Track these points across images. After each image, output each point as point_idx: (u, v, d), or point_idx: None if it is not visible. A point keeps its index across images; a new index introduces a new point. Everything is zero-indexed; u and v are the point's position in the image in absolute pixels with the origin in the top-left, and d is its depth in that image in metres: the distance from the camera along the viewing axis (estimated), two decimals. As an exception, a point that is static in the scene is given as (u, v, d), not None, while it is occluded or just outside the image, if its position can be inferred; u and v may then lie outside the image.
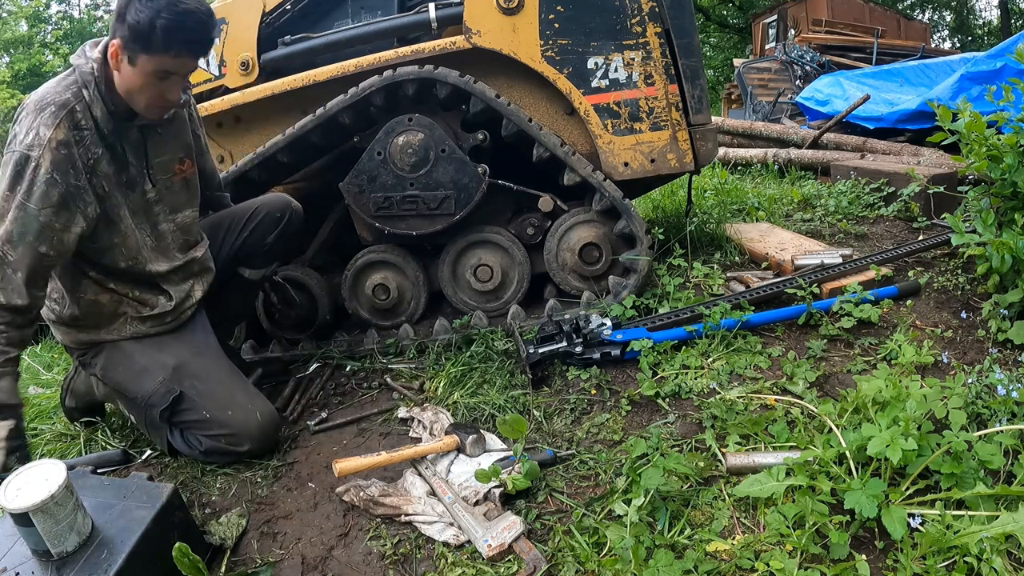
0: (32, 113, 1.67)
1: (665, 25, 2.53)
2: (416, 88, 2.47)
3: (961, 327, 2.30)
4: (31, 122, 1.66)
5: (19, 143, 1.65)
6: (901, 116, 5.79)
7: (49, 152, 1.65)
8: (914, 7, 26.99)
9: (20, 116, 1.69)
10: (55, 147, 1.65)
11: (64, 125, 1.67)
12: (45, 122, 1.66)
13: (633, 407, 2.02)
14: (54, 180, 1.66)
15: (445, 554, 1.52)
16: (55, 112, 1.67)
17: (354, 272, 2.70)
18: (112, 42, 1.68)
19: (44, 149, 1.64)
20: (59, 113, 1.67)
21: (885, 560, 1.37)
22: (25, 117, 1.68)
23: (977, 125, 2.35)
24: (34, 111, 1.67)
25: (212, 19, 1.73)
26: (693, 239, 3.03)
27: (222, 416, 1.87)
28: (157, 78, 1.71)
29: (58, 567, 1.34)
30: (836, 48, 11.31)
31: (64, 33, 23.66)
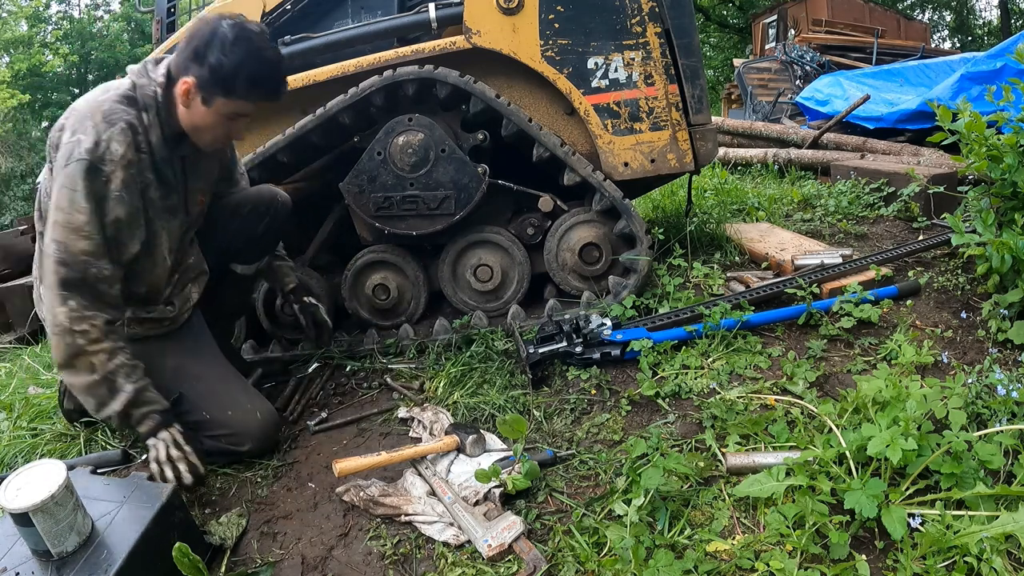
0: (102, 124, 1.65)
1: (665, 25, 2.53)
2: (416, 88, 2.47)
3: (961, 327, 2.30)
4: (100, 133, 1.64)
5: (86, 151, 1.62)
6: (901, 116, 5.79)
7: (121, 170, 1.65)
8: (914, 7, 26.98)
9: (82, 122, 1.65)
10: (125, 164, 1.66)
11: (132, 145, 1.68)
12: (117, 138, 1.65)
13: (633, 407, 2.02)
14: (122, 198, 1.67)
15: (445, 554, 1.52)
16: (125, 130, 1.66)
17: (354, 272, 2.70)
18: (185, 79, 1.70)
19: (116, 166, 1.64)
20: (128, 132, 1.67)
21: (885, 560, 1.37)
22: (92, 126, 1.64)
23: (977, 125, 2.35)
24: (103, 122, 1.65)
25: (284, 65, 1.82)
26: (693, 239, 3.03)
27: (222, 416, 1.88)
28: (229, 119, 1.78)
29: (58, 567, 1.34)
30: (836, 48, 11.31)
31: (64, 33, 23.65)
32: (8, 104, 17.67)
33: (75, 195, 1.62)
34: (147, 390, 1.74)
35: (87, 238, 1.64)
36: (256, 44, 1.71)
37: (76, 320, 1.64)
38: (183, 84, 1.71)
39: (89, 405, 1.71)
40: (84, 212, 1.62)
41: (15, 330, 4.15)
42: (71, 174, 1.62)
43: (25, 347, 3.65)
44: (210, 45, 1.66)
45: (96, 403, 1.69)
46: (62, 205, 1.63)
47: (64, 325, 1.64)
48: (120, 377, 1.69)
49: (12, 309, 4.18)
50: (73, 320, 1.63)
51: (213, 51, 1.66)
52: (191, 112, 1.74)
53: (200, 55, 1.68)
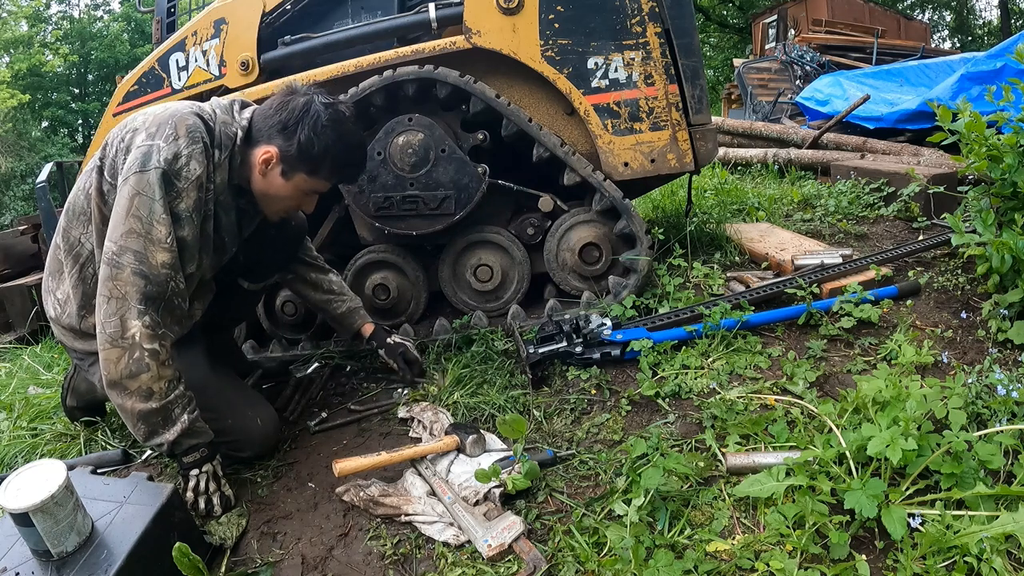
0: (185, 138, 1.61)
1: (665, 25, 2.53)
2: (416, 88, 2.48)
3: (961, 327, 2.30)
4: (182, 147, 1.60)
5: (165, 161, 1.58)
6: (901, 116, 5.79)
7: (194, 190, 1.62)
8: (914, 7, 26.99)
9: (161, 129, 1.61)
10: (197, 187, 1.63)
11: (206, 170, 1.65)
12: (197, 157, 1.62)
13: (633, 407, 2.02)
14: (192, 219, 1.64)
15: (445, 554, 1.52)
16: (204, 152, 1.63)
17: (354, 272, 2.70)
18: (268, 148, 1.70)
19: (192, 185, 1.61)
20: (203, 158, 1.63)
21: (885, 560, 1.37)
22: (174, 137, 1.60)
23: (977, 125, 2.35)
24: (186, 136, 1.61)
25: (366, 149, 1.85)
26: (693, 239, 3.03)
27: (222, 425, 1.84)
28: (303, 194, 1.78)
29: (58, 567, 1.34)
30: (836, 48, 11.31)
31: (64, 33, 23.66)
32: (8, 104, 17.67)
33: (155, 204, 1.56)
34: (199, 420, 1.69)
35: (168, 251, 1.59)
36: (347, 128, 1.73)
37: (149, 337, 1.57)
38: (265, 152, 1.70)
39: (139, 432, 1.63)
40: (165, 224, 1.58)
41: (15, 330, 4.16)
42: (150, 182, 1.56)
43: (25, 347, 3.65)
44: (302, 121, 1.66)
45: (147, 431, 1.62)
46: (140, 214, 1.57)
47: (135, 340, 1.56)
48: (178, 407, 1.64)
49: (12, 309, 4.18)
50: (146, 337, 1.57)
51: (304, 128, 1.66)
52: (268, 180, 1.74)
53: (289, 129, 1.67)
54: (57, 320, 1.88)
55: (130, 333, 1.56)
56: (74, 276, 1.80)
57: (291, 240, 2.20)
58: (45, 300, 1.94)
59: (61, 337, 1.94)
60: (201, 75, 2.82)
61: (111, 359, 1.57)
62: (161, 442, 1.64)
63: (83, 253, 1.78)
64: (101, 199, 1.70)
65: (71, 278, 1.81)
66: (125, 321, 1.56)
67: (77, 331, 1.83)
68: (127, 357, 1.56)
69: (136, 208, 1.57)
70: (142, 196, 1.57)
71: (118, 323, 1.56)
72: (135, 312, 1.57)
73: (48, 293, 1.91)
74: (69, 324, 1.83)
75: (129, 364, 1.56)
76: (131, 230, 1.57)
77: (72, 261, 1.79)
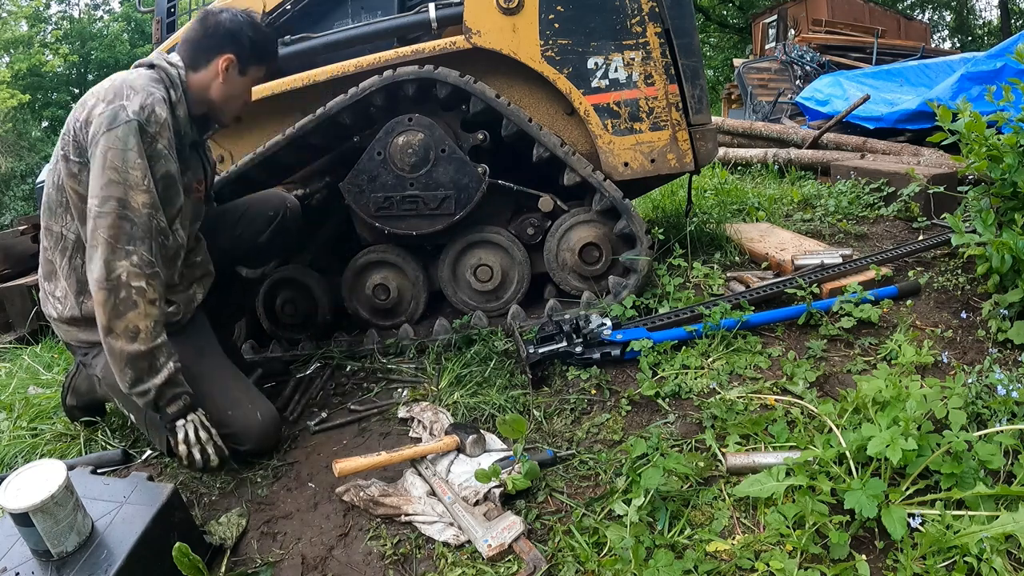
0: (142, 93, 1.72)
1: (665, 25, 2.53)
2: (416, 88, 2.47)
3: (961, 327, 2.30)
4: (144, 100, 1.71)
5: (131, 113, 1.67)
6: (901, 116, 5.78)
7: (166, 131, 1.75)
8: (914, 7, 26.98)
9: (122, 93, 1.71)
10: (168, 128, 1.76)
11: (170, 114, 1.79)
12: (159, 104, 1.74)
13: (633, 407, 2.02)
14: (168, 158, 1.76)
15: (445, 554, 1.52)
16: (163, 99, 1.77)
17: (354, 272, 2.70)
18: (226, 55, 1.88)
19: (161, 127, 1.73)
20: (164, 103, 1.77)
21: (885, 560, 1.37)
22: (133, 94, 1.71)
23: (977, 125, 2.35)
24: (143, 91, 1.73)
25: None
26: (693, 239, 3.03)
27: (222, 416, 1.87)
28: (251, 87, 2.01)
29: (58, 567, 1.34)
30: (836, 48, 11.31)
31: (64, 33, 23.66)
32: (8, 104, 17.67)
33: (128, 153, 1.66)
34: (180, 371, 1.76)
35: (146, 192, 1.68)
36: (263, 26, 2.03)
37: (136, 275, 1.65)
38: (224, 61, 1.88)
39: (125, 378, 1.69)
40: (140, 168, 1.67)
41: (15, 330, 4.15)
42: (120, 135, 1.66)
43: (25, 347, 3.65)
44: (242, 28, 1.91)
45: (133, 376, 1.69)
46: (115, 165, 1.65)
47: (120, 279, 1.64)
48: (162, 355, 1.71)
49: (12, 309, 4.18)
50: (133, 275, 1.65)
51: (245, 31, 1.91)
52: (229, 84, 1.91)
53: (234, 35, 1.89)
54: (59, 317, 1.93)
55: (116, 274, 1.64)
56: (65, 268, 1.87)
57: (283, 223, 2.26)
58: (44, 303, 1.99)
59: (64, 335, 1.99)
60: (201, 75, 2.81)
61: (100, 302, 1.65)
62: (147, 388, 1.70)
63: (68, 245, 1.85)
64: (74, 180, 1.76)
65: (63, 271, 1.88)
66: (111, 264, 1.64)
67: (79, 319, 1.89)
68: (114, 297, 1.64)
69: (110, 161, 1.65)
70: (114, 150, 1.66)
71: (104, 267, 1.64)
72: (122, 253, 1.65)
73: (46, 296, 1.96)
74: (70, 315, 1.89)
75: (117, 304, 1.64)
76: (109, 181, 1.65)
77: (60, 255, 1.87)
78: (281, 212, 2.24)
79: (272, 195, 2.29)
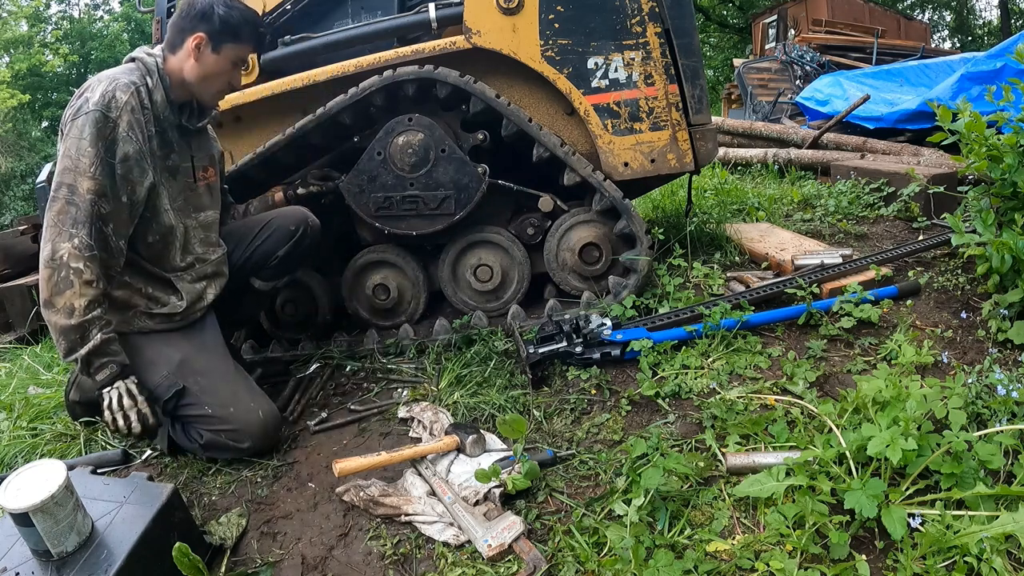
0: (104, 81, 1.81)
1: (665, 25, 2.53)
2: (416, 88, 2.47)
3: (961, 327, 2.30)
4: (105, 88, 1.79)
5: (93, 104, 1.76)
6: (901, 116, 5.78)
7: (127, 113, 1.81)
8: (914, 7, 26.98)
9: (89, 88, 1.81)
10: (130, 110, 1.81)
11: (136, 96, 1.84)
12: (121, 88, 1.81)
13: (633, 407, 2.02)
14: (129, 138, 1.81)
15: (445, 554, 1.52)
16: (128, 84, 1.83)
17: (354, 272, 2.70)
18: (197, 34, 1.90)
19: (122, 111, 1.80)
20: (131, 86, 1.83)
21: (885, 560, 1.37)
22: (98, 85, 1.80)
23: (977, 125, 2.35)
24: (106, 81, 1.82)
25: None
26: (693, 239, 3.03)
27: (224, 412, 1.88)
28: (233, 65, 1.99)
29: (58, 567, 1.34)
30: (836, 48, 11.30)
31: (64, 33, 23.65)
32: (8, 104, 17.66)
33: (81, 142, 1.75)
34: (112, 343, 1.81)
35: (92, 178, 1.76)
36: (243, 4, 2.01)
37: (76, 257, 1.73)
38: (195, 39, 1.90)
39: (60, 348, 1.79)
40: (88, 155, 1.75)
41: (15, 330, 4.15)
42: (80, 125, 1.76)
43: (25, 347, 3.65)
44: (214, 5, 1.91)
45: (67, 347, 1.77)
46: (70, 153, 1.76)
47: (62, 259, 1.73)
48: (94, 328, 1.77)
49: (12, 309, 4.18)
50: (73, 256, 1.73)
51: (216, 9, 1.90)
52: (203, 63, 1.92)
53: (205, 13, 1.90)
54: None
55: (59, 254, 1.74)
56: None
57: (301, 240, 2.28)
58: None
59: None
60: (201, 75, 2.81)
61: (43, 278, 1.76)
62: (77, 357, 1.77)
63: None
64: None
65: None
66: (56, 244, 1.74)
67: None
68: (56, 275, 1.74)
69: (67, 150, 1.77)
70: (71, 139, 1.76)
71: (51, 247, 1.75)
72: (66, 235, 1.74)
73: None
74: None
75: (58, 282, 1.74)
76: (64, 168, 1.77)
77: None
78: (302, 228, 2.27)
79: (294, 212, 2.31)
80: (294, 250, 2.27)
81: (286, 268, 2.32)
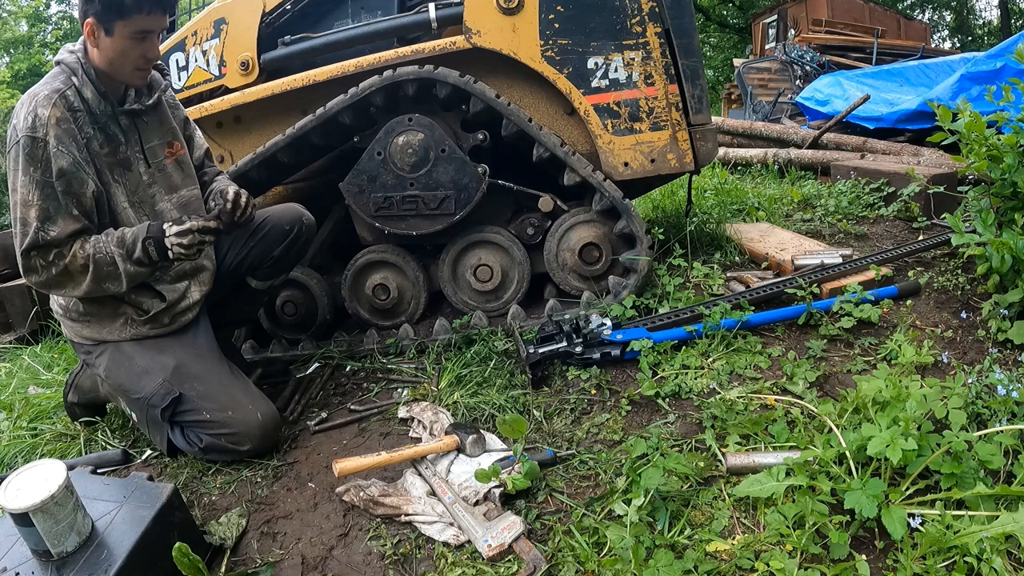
0: (26, 103, 1.77)
1: (665, 25, 2.53)
2: (416, 88, 2.47)
3: (961, 327, 2.30)
4: (27, 110, 1.75)
5: (20, 131, 1.74)
6: (901, 116, 5.78)
7: (52, 128, 1.75)
8: (914, 7, 26.98)
9: (15, 112, 1.79)
10: (55, 123, 1.75)
11: (59, 105, 1.77)
12: (41, 103, 1.75)
13: (633, 407, 2.02)
14: (61, 152, 1.76)
15: (445, 554, 1.52)
16: (48, 96, 1.77)
17: (354, 272, 2.70)
18: (86, 21, 1.77)
19: (47, 127, 1.74)
20: (52, 96, 1.77)
21: (885, 560, 1.37)
22: (20, 108, 1.77)
23: (977, 125, 2.35)
24: (28, 101, 1.77)
25: None
26: (693, 239, 3.03)
27: (222, 416, 1.88)
28: (136, 40, 1.80)
29: (58, 567, 1.34)
30: (836, 48, 11.30)
31: (64, 33, 23.64)
32: (8, 104, 17.67)
33: (17, 173, 1.76)
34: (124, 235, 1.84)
35: (34, 206, 1.75)
36: None
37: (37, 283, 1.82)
38: (86, 27, 1.78)
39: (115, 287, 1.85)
40: (24, 184, 1.75)
41: (15, 330, 4.14)
42: (13, 156, 1.76)
43: (25, 347, 3.65)
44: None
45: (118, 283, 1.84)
46: (14, 186, 1.77)
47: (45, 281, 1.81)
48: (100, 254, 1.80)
49: (12, 309, 4.17)
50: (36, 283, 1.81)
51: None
52: (102, 49, 1.80)
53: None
54: (65, 313, 2.00)
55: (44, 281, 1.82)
56: None
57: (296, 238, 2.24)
58: (52, 298, 2.04)
59: (68, 331, 2.04)
60: (201, 75, 2.82)
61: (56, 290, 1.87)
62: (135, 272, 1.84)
63: None
64: None
65: None
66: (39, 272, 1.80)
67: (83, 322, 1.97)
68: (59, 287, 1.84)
69: (12, 184, 1.78)
70: (11, 172, 1.78)
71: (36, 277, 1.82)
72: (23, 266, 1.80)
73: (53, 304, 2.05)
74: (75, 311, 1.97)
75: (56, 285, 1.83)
76: (13, 203, 1.78)
77: None
78: (296, 227, 2.22)
79: (289, 210, 2.27)
80: (289, 249, 2.23)
81: (282, 267, 2.29)
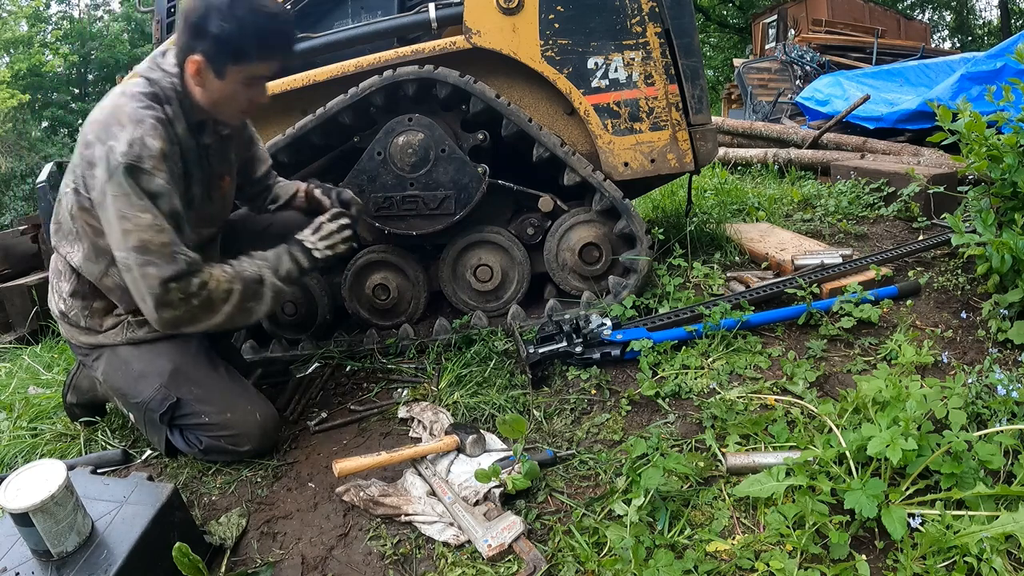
0: (130, 125, 1.63)
1: (665, 25, 2.53)
2: (416, 88, 2.47)
3: (961, 327, 2.30)
4: (132, 134, 1.62)
5: (122, 155, 1.60)
6: (901, 116, 5.79)
7: (162, 162, 1.65)
8: (914, 7, 26.99)
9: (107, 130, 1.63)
10: (163, 158, 1.66)
11: (164, 139, 1.67)
12: (149, 133, 1.64)
13: (633, 407, 2.02)
14: (171, 190, 1.68)
15: (445, 554, 1.52)
16: (155, 126, 1.66)
17: (354, 272, 2.70)
18: (193, 58, 1.66)
19: (156, 161, 1.64)
20: (158, 127, 1.66)
21: (885, 560, 1.37)
22: (119, 131, 1.62)
23: (977, 125, 2.35)
24: (130, 123, 1.63)
25: (291, 19, 1.77)
26: (693, 239, 3.03)
27: (221, 419, 1.88)
28: (246, 86, 1.74)
29: (58, 567, 1.34)
30: (836, 48, 11.31)
31: (64, 33, 23.65)
32: (8, 104, 17.68)
33: (131, 199, 1.61)
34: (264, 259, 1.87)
35: (161, 231, 1.64)
36: (255, 2, 1.65)
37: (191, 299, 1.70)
38: (192, 64, 1.67)
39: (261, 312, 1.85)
40: (146, 209, 1.62)
41: (15, 330, 4.15)
42: (118, 182, 1.61)
43: (25, 347, 3.65)
44: (208, 16, 1.61)
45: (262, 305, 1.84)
46: (125, 213, 1.61)
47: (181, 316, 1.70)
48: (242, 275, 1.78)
49: (12, 309, 4.17)
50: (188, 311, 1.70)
51: (212, 21, 1.61)
52: (208, 90, 1.72)
53: (200, 29, 1.63)
54: (64, 316, 1.99)
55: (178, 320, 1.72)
56: (72, 282, 1.94)
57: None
58: (51, 298, 2.03)
59: (66, 333, 2.03)
60: (201, 75, 2.81)
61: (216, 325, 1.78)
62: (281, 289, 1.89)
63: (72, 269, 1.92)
64: (86, 214, 1.78)
65: (69, 284, 1.94)
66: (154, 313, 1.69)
67: (80, 327, 1.96)
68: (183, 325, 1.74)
69: (120, 210, 1.62)
70: (118, 197, 1.62)
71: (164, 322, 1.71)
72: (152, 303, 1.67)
73: (54, 292, 2.01)
74: (74, 318, 1.96)
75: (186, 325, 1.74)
76: (125, 231, 1.62)
77: (70, 270, 1.94)
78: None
79: (293, 217, 2.26)
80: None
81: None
